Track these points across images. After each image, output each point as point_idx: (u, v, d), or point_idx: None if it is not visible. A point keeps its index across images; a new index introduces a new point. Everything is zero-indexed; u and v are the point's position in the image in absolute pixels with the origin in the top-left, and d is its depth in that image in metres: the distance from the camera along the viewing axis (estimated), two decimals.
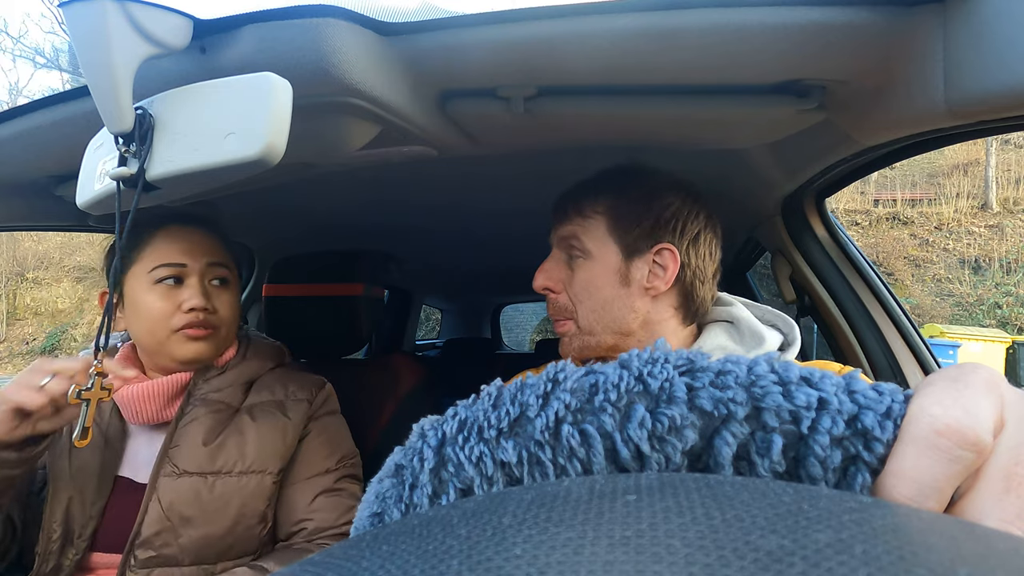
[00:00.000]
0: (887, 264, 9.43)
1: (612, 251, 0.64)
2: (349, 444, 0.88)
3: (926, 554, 0.11)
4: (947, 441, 0.16)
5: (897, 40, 0.47)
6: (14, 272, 12.79)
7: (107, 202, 0.46)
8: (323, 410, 0.86)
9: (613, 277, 0.64)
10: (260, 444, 0.75)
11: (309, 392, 0.84)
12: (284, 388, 0.83)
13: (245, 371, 0.82)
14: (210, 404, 0.76)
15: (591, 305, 0.64)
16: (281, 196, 0.98)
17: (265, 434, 0.76)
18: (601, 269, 0.64)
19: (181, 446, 0.72)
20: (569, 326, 0.66)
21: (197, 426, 0.74)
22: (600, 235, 0.65)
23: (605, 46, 0.48)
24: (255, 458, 0.75)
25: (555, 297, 0.67)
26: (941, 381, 0.17)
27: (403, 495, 0.20)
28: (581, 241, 0.65)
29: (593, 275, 0.65)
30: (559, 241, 0.68)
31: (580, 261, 0.66)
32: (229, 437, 0.74)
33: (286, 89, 0.40)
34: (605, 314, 0.64)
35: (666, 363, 0.19)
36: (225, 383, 0.79)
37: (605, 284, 0.64)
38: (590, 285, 0.65)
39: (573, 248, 0.66)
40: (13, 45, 13.34)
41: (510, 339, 3.89)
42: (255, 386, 0.82)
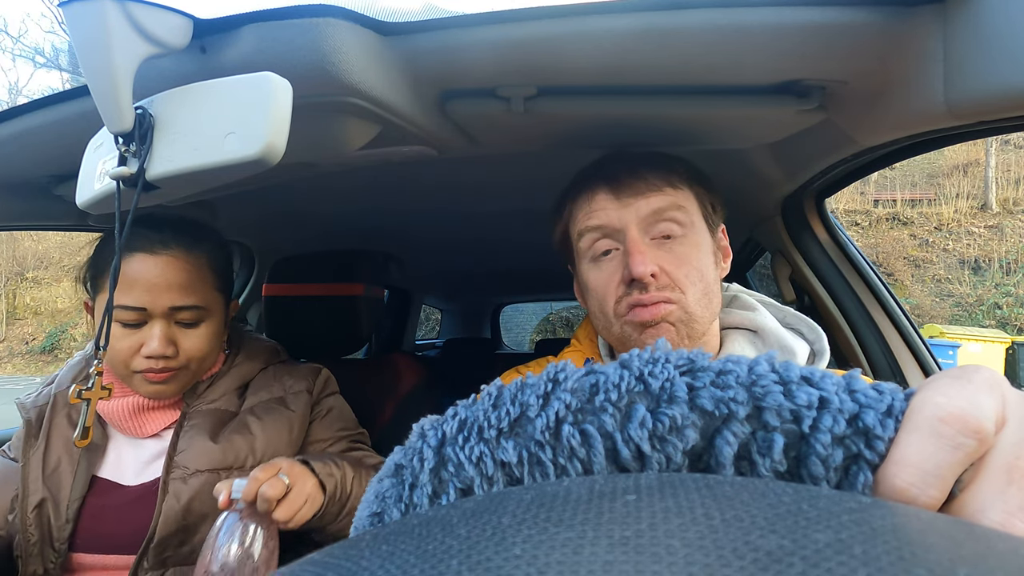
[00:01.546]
0: (887, 264, 9.43)
1: (704, 226, 0.58)
2: (354, 421, 0.88)
3: (925, 554, 0.11)
4: (950, 428, 0.16)
5: (897, 40, 0.47)
6: (14, 272, 12.79)
7: (107, 202, 0.46)
8: (324, 393, 0.86)
9: (711, 255, 0.58)
10: (267, 439, 0.74)
11: (307, 382, 0.83)
12: (281, 384, 0.82)
13: (236, 377, 0.80)
14: (208, 413, 0.75)
15: (699, 284, 0.56)
16: (281, 196, 0.98)
17: (271, 429, 0.75)
18: (704, 243, 0.58)
19: (187, 450, 0.71)
20: (671, 310, 0.55)
21: (200, 430, 0.72)
22: (694, 207, 0.58)
23: (605, 46, 0.48)
24: (264, 452, 0.73)
25: (655, 283, 0.56)
26: (945, 378, 0.17)
27: (403, 495, 0.20)
28: (686, 212, 0.57)
29: (700, 252, 0.57)
30: (645, 217, 0.57)
31: (681, 239, 0.57)
32: (235, 435, 0.73)
33: (286, 89, 0.40)
34: (712, 296, 0.57)
35: (667, 363, 0.19)
36: (218, 393, 0.77)
37: (706, 261, 0.57)
38: (696, 260, 0.56)
39: (670, 223, 0.57)
40: (13, 45, 13.34)
41: (510, 339, 3.89)
42: (250, 388, 0.81)
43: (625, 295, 0.56)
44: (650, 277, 0.55)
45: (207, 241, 0.75)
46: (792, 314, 0.62)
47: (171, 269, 0.69)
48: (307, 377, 0.84)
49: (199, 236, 0.73)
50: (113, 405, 0.72)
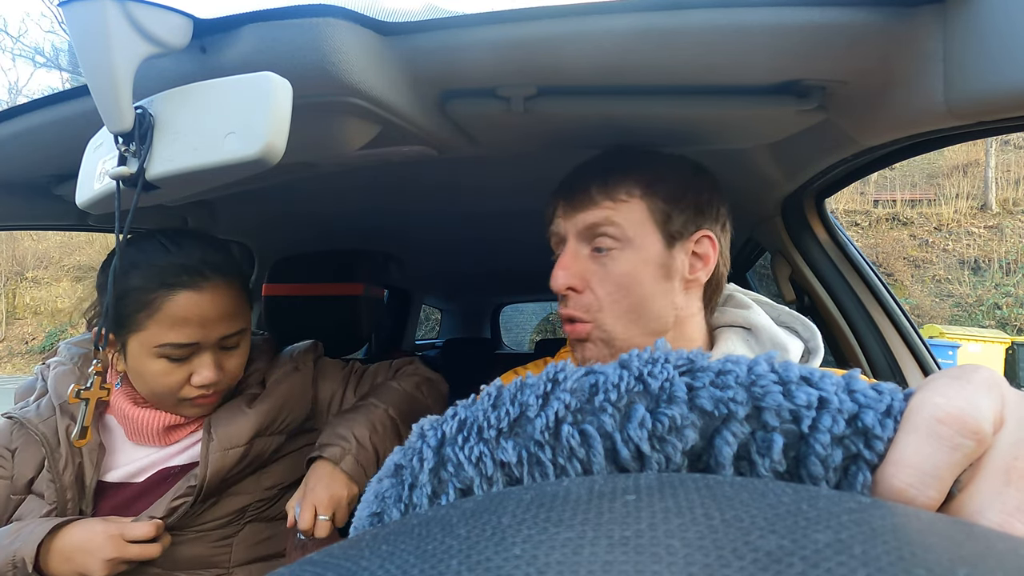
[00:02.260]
0: (887, 265, 9.44)
1: (653, 238, 0.57)
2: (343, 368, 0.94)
3: (925, 554, 0.11)
4: (948, 429, 0.16)
5: (897, 40, 0.47)
6: (14, 272, 12.79)
7: (107, 201, 0.46)
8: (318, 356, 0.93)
9: (654, 269, 0.57)
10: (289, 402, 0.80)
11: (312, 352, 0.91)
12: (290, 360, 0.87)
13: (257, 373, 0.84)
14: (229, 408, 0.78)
15: (627, 304, 0.57)
16: (281, 196, 0.98)
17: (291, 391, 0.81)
18: (642, 260, 0.57)
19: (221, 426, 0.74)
20: (589, 330, 0.58)
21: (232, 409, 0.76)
22: (639, 220, 0.57)
23: (605, 46, 0.48)
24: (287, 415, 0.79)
25: (576, 296, 0.58)
26: (943, 378, 0.18)
27: (402, 495, 0.20)
28: (619, 228, 0.57)
29: (632, 267, 0.57)
30: (581, 231, 0.59)
31: (615, 252, 0.57)
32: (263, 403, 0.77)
33: (286, 89, 0.40)
34: (644, 313, 0.57)
35: (666, 363, 0.19)
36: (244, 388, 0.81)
37: (645, 278, 0.57)
38: (628, 279, 0.57)
39: (604, 237, 0.57)
40: (13, 44, 13.34)
41: (510, 339, 3.89)
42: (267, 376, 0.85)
43: (560, 303, 0.60)
44: (565, 290, 0.58)
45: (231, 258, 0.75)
46: (787, 312, 0.62)
47: (219, 301, 0.69)
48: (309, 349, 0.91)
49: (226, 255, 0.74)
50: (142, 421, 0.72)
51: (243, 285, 0.75)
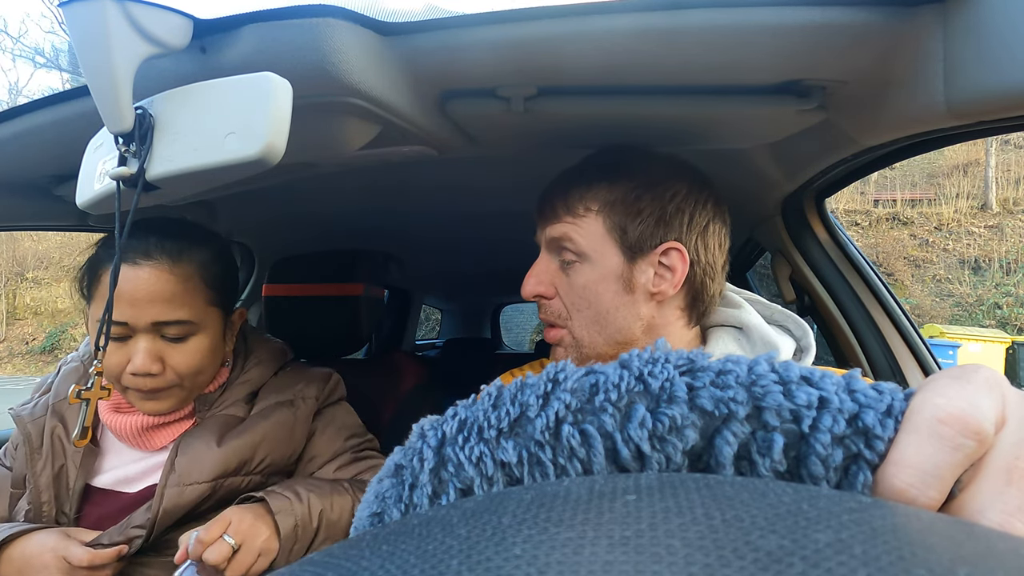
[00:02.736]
0: (887, 264, 9.44)
1: (612, 253, 0.57)
2: (361, 427, 0.87)
3: (926, 554, 0.11)
4: (950, 429, 0.16)
5: (897, 40, 0.47)
6: (14, 272, 12.79)
7: (107, 202, 0.46)
8: (329, 401, 0.84)
9: (614, 283, 0.57)
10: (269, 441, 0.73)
11: (317, 388, 0.82)
12: (292, 388, 0.80)
13: (246, 385, 0.78)
14: (215, 419, 0.73)
15: (590, 315, 0.58)
16: (281, 196, 0.98)
17: (274, 431, 0.74)
18: (600, 274, 0.57)
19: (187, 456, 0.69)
20: (562, 335, 0.59)
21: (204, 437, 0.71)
22: (597, 235, 0.58)
23: (605, 46, 0.48)
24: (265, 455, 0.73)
25: (548, 303, 0.60)
26: (944, 378, 0.17)
27: (403, 495, 0.20)
28: (575, 243, 0.58)
29: (591, 281, 0.58)
30: (549, 243, 0.61)
31: (576, 266, 0.58)
32: (237, 439, 0.71)
33: (286, 89, 0.40)
34: (607, 324, 0.58)
35: (667, 363, 0.19)
36: (228, 400, 0.76)
37: (605, 291, 0.57)
38: (588, 292, 0.58)
39: (566, 251, 0.59)
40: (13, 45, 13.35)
41: (510, 339, 3.89)
42: (261, 393, 0.79)
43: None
44: (532, 297, 0.61)
45: (199, 250, 0.71)
46: (779, 311, 0.62)
47: (154, 282, 0.65)
48: (317, 382, 0.83)
49: (190, 244, 0.70)
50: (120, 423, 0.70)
51: (203, 277, 0.70)
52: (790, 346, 0.58)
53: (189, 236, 0.71)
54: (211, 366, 0.73)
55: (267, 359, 0.83)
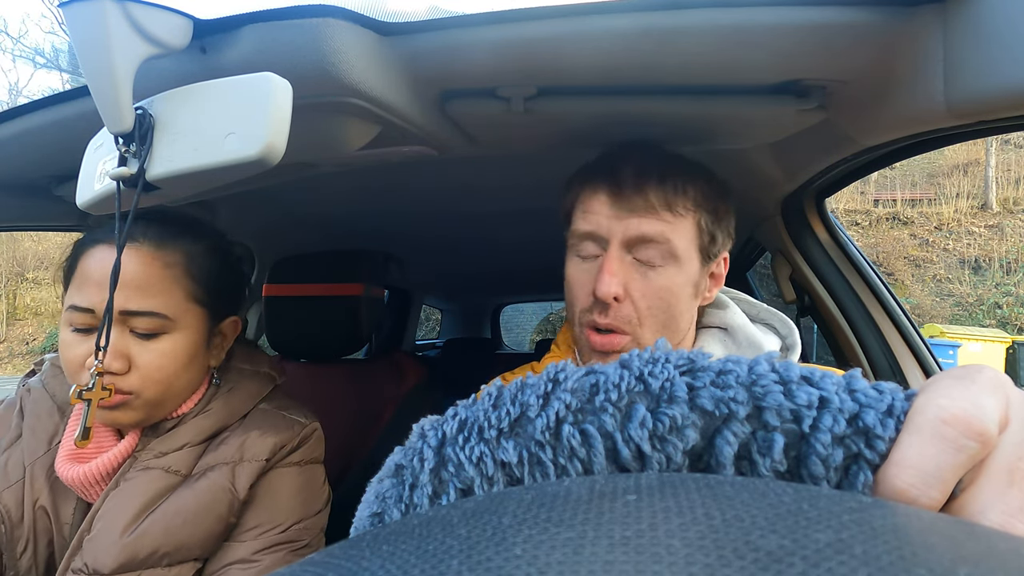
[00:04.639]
0: (887, 264, 9.44)
1: (695, 257, 0.55)
2: (302, 505, 0.66)
3: (926, 554, 0.11)
4: (953, 430, 0.16)
5: (897, 40, 0.47)
6: (14, 272, 12.79)
7: (107, 202, 0.46)
8: (285, 461, 0.67)
9: (689, 288, 0.56)
10: (197, 527, 0.59)
11: (270, 447, 0.65)
12: (242, 443, 0.64)
13: (205, 425, 0.64)
14: (151, 472, 0.60)
15: (662, 320, 0.54)
16: (281, 196, 0.98)
17: (204, 513, 0.60)
18: (684, 279, 0.55)
19: (97, 534, 0.57)
20: (625, 343, 0.55)
21: (125, 505, 0.58)
22: (689, 237, 0.55)
23: (605, 46, 0.48)
24: (191, 544, 0.59)
25: (616, 306, 0.54)
26: (948, 379, 0.17)
27: (403, 495, 0.20)
28: (671, 244, 0.54)
29: (675, 285, 0.54)
30: (631, 238, 0.54)
31: (660, 268, 0.54)
32: (158, 521, 0.58)
33: (286, 89, 0.40)
34: (674, 328, 0.55)
35: (667, 363, 0.19)
36: (176, 443, 0.62)
37: (682, 296, 0.55)
38: (668, 296, 0.54)
39: (654, 250, 0.54)
40: (13, 45, 13.35)
41: (510, 339, 3.89)
42: (216, 439, 0.65)
43: (591, 307, 0.56)
44: (612, 300, 0.54)
45: (191, 240, 0.63)
46: (765, 309, 0.62)
47: (130, 264, 0.57)
48: (279, 435, 0.66)
49: (181, 232, 0.62)
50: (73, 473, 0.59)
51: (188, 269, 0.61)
52: (775, 345, 0.59)
53: (184, 225, 0.64)
54: (183, 378, 0.61)
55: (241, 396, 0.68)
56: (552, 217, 0.68)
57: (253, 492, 0.64)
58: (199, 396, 0.66)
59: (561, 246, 0.67)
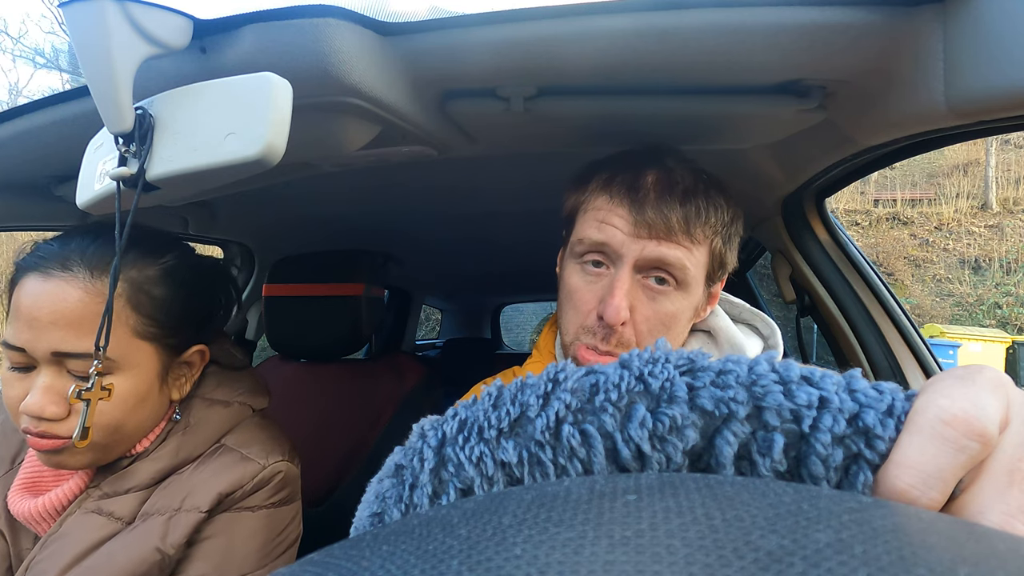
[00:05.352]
0: (887, 264, 9.43)
1: (702, 283, 0.55)
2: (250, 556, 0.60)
3: (926, 554, 0.11)
4: (953, 431, 0.16)
5: (897, 40, 0.47)
6: None
7: (107, 202, 0.46)
8: (236, 507, 0.60)
9: (691, 312, 0.55)
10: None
11: (214, 496, 0.58)
12: (187, 490, 0.58)
13: (157, 466, 0.59)
14: (91, 519, 0.56)
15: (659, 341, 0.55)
16: (281, 196, 0.98)
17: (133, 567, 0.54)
18: (688, 303, 0.54)
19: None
20: None
21: (59, 553, 0.54)
22: (701, 264, 0.54)
23: (605, 46, 0.48)
24: None
25: (620, 329, 0.53)
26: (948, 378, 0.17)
27: (403, 495, 0.20)
28: (685, 271, 0.53)
29: (680, 310, 0.54)
30: (646, 259, 0.53)
31: (671, 293, 0.54)
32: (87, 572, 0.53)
33: (286, 89, 0.40)
34: None
35: (667, 363, 0.19)
36: (124, 486, 0.57)
37: (683, 319, 0.54)
38: (671, 320, 0.54)
39: (667, 275, 0.53)
40: (13, 45, 13.32)
41: (510, 339, 3.89)
42: (166, 480, 0.59)
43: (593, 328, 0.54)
44: (620, 326, 0.53)
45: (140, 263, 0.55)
46: (746, 308, 0.61)
47: (58, 300, 0.50)
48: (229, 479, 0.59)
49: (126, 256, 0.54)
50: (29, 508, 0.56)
51: (132, 301, 0.54)
52: (757, 346, 0.58)
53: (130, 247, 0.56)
54: (133, 419, 0.55)
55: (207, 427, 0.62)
56: (552, 219, 0.68)
57: (191, 548, 0.58)
58: (158, 431, 0.60)
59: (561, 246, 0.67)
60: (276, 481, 0.63)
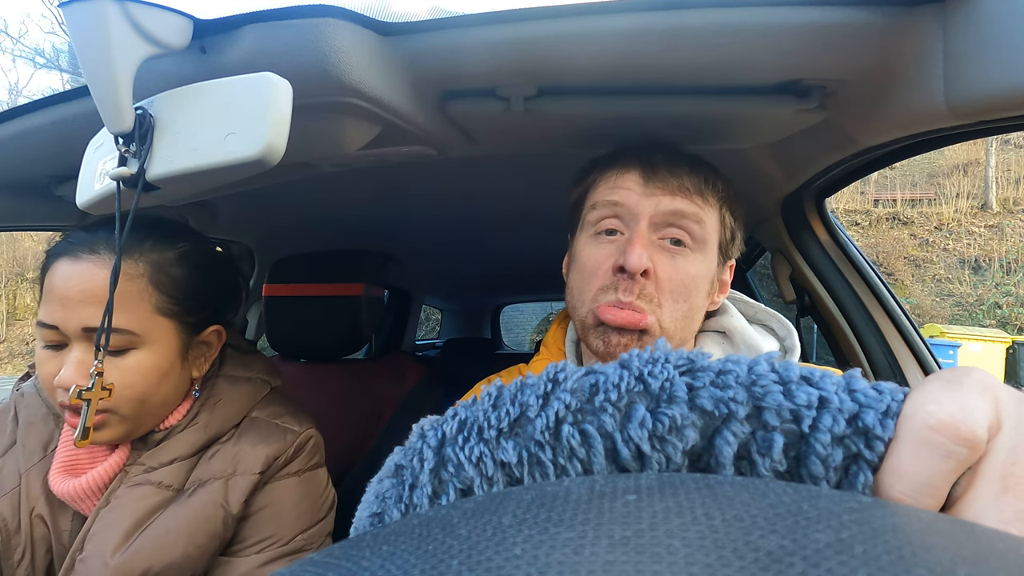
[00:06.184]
0: (887, 264, 9.43)
1: (715, 251, 0.54)
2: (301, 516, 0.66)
3: (926, 554, 0.11)
4: (941, 437, 0.16)
5: (897, 40, 0.47)
6: (14, 272, 12.79)
7: (107, 202, 0.46)
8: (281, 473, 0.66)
9: (708, 283, 0.54)
10: (189, 544, 0.59)
11: (263, 459, 0.64)
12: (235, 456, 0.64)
13: (195, 438, 0.63)
14: (142, 488, 0.60)
15: (684, 309, 0.52)
16: (282, 196, 0.98)
17: (197, 528, 0.59)
18: (707, 268, 0.54)
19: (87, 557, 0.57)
20: (651, 323, 0.51)
21: (116, 523, 0.58)
22: (715, 228, 0.54)
23: (605, 46, 0.48)
24: (175, 562, 0.58)
25: (643, 283, 0.51)
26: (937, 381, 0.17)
27: (403, 495, 0.20)
28: (703, 227, 0.52)
29: (699, 273, 0.53)
30: (663, 214, 0.52)
31: (686, 252, 0.53)
32: (149, 539, 0.57)
33: (286, 89, 0.40)
34: (689, 317, 0.53)
35: (666, 363, 0.19)
36: (166, 457, 0.62)
37: (702, 287, 0.53)
38: (691, 282, 0.52)
39: (684, 232, 0.53)
40: (13, 45, 13.34)
41: (510, 339, 3.89)
42: (207, 452, 0.64)
43: (612, 284, 0.53)
44: (640, 275, 0.51)
45: (159, 249, 0.60)
46: (762, 309, 0.61)
47: (88, 279, 0.55)
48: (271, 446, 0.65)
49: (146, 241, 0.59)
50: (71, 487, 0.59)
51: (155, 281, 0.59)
52: (773, 347, 0.57)
53: (150, 232, 0.61)
54: (159, 393, 0.60)
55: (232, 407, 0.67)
56: (551, 220, 0.68)
57: (249, 506, 0.63)
58: (186, 407, 0.64)
59: (561, 247, 0.67)
60: (311, 446, 0.69)
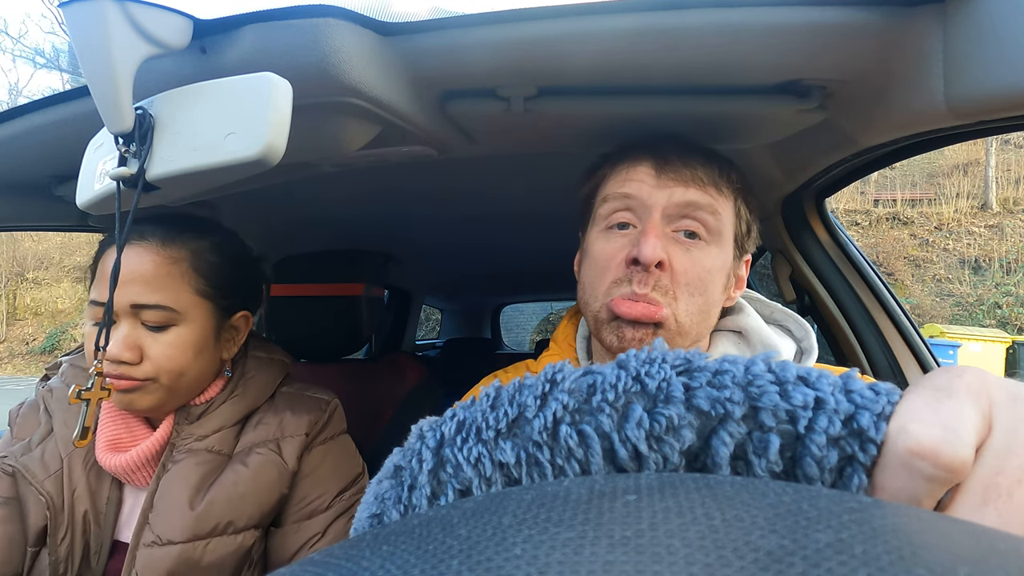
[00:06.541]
0: (887, 264, 9.43)
1: (731, 244, 0.53)
2: (354, 471, 0.76)
3: (926, 554, 0.11)
4: (923, 462, 0.16)
5: (897, 40, 0.47)
6: (14, 272, 12.79)
7: (107, 202, 0.46)
8: (323, 436, 0.75)
9: (724, 277, 0.53)
10: (257, 495, 0.66)
11: (308, 422, 0.73)
12: (279, 422, 0.71)
13: (236, 408, 0.70)
14: (197, 454, 0.66)
15: (700, 303, 0.51)
16: (281, 196, 0.98)
17: (261, 482, 0.66)
18: (722, 263, 0.53)
19: (162, 510, 0.62)
20: (666, 316, 0.50)
21: (181, 483, 0.64)
22: (730, 220, 0.53)
23: (605, 46, 0.48)
24: (253, 512, 0.65)
25: (658, 273, 0.51)
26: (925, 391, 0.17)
27: (402, 496, 0.20)
28: (718, 218, 0.51)
29: (715, 266, 0.52)
30: (677, 205, 0.51)
31: (701, 244, 0.52)
32: (220, 492, 0.64)
33: (286, 89, 0.40)
34: (705, 312, 0.52)
35: (663, 363, 0.19)
36: (212, 427, 0.68)
37: (718, 281, 0.52)
38: (707, 275, 0.51)
39: (699, 224, 0.52)
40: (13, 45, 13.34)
41: (510, 339, 3.89)
42: (250, 421, 0.71)
43: (623, 278, 0.52)
44: (655, 267, 0.50)
45: (196, 237, 0.67)
46: (780, 310, 0.60)
47: (137, 261, 0.62)
48: (310, 413, 0.74)
49: (185, 230, 0.67)
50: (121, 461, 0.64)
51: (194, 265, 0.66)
52: (790, 348, 0.57)
53: (189, 224, 0.68)
54: (195, 367, 0.66)
55: (262, 381, 0.74)
56: (551, 219, 0.68)
57: (302, 465, 0.70)
58: (221, 384, 0.71)
59: (561, 246, 0.67)
60: (338, 413, 0.79)
